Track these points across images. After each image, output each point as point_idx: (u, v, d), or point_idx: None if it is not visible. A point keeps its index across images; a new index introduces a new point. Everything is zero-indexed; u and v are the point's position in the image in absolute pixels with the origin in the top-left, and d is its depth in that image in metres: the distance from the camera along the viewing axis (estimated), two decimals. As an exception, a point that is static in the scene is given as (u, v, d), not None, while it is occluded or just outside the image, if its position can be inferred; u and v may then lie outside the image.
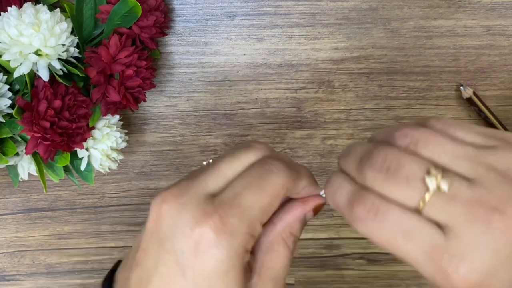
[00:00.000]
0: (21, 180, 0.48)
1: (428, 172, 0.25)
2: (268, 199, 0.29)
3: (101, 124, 0.46)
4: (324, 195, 0.32)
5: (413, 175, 0.25)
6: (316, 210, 0.33)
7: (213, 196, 0.28)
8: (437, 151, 0.25)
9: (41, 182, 0.46)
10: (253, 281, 0.29)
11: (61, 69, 0.43)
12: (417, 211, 0.25)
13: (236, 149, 0.31)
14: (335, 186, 0.28)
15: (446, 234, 0.24)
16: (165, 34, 0.50)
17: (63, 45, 0.42)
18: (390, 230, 0.25)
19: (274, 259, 0.30)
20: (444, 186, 0.24)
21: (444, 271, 0.24)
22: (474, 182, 0.24)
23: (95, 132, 0.46)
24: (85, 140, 0.45)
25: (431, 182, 0.24)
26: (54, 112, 0.41)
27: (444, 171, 0.25)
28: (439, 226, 0.24)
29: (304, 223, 0.32)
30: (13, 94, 0.43)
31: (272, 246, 0.30)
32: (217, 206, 0.27)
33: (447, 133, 0.26)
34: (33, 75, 0.42)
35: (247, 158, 0.30)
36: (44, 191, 0.46)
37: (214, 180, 0.29)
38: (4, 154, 0.44)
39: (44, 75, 0.41)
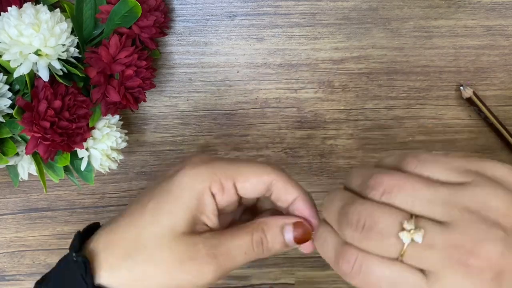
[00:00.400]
0: (21, 180, 0.48)
1: (402, 226, 0.26)
2: (243, 169, 0.34)
3: (101, 124, 0.46)
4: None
5: (387, 232, 0.26)
6: (300, 236, 0.34)
7: None
8: (410, 199, 0.27)
9: (41, 182, 0.46)
10: (209, 237, 0.33)
11: (61, 69, 0.43)
12: (398, 260, 0.26)
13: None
14: (322, 240, 0.30)
15: (428, 278, 0.26)
16: (165, 34, 0.50)
17: (63, 45, 0.42)
18: (375, 282, 0.27)
19: (233, 236, 0.34)
20: (418, 238, 0.25)
21: None
22: (448, 226, 0.25)
23: (95, 132, 0.46)
24: (85, 140, 0.45)
25: (405, 237, 0.26)
26: (54, 112, 0.41)
27: (418, 218, 0.26)
28: (421, 270, 0.26)
29: (281, 239, 0.34)
30: (13, 94, 0.43)
31: (240, 227, 0.34)
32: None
33: (421, 174, 0.28)
34: (33, 75, 0.42)
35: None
36: (44, 191, 0.46)
37: None
38: (4, 154, 0.44)
39: (44, 75, 0.41)
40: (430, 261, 0.25)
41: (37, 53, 0.41)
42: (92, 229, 0.38)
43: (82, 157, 0.47)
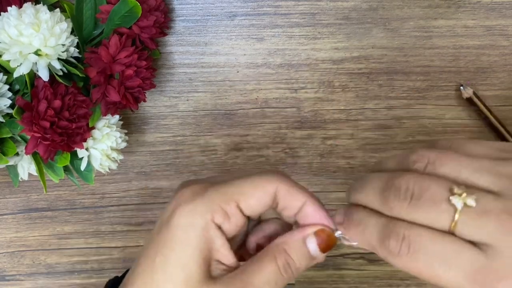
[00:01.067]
0: (21, 180, 0.48)
1: (452, 191, 0.24)
2: (245, 188, 0.30)
3: (101, 124, 0.46)
4: (339, 234, 0.31)
5: (438, 197, 0.24)
6: (325, 243, 0.31)
7: None
8: (455, 168, 0.25)
9: (41, 182, 0.46)
10: (226, 277, 0.30)
11: (61, 69, 0.43)
12: (450, 233, 0.24)
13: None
14: (361, 225, 0.28)
15: (485, 252, 0.23)
16: (165, 34, 0.50)
17: (63, 45, 0.42)
18: (426, 260, 0.24)
19: (256, 270, 0.30)
20: (471, 202, 0.24)
21: None
22: (499, 194, 0.24)
23: (95, 132, 0.46)
24: (85, 140, 0.45)
25: (457, 201, 0.24)
26: (54, 112, 0.41)
27: (467, 187, 0.24)
28: (475, 245, 0.24)
29: (305, 253, 0.31)
30: (13, 94, 0.43)
31: (260, 257, 0.30)
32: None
33: (460, 150, 0.27)
34: (33, 75, 0.42)
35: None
36: (44, 191, 0.46)
37: None
38: (4, 154, 0.44)
39: (44, 75, 0.41)
40: (486, 230, 0.23)
41: (37, 53, 0.41)
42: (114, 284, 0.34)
43: (82, 157, 0.46)
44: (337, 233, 0.30)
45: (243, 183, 0.30)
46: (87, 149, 0.46)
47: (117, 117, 0.48)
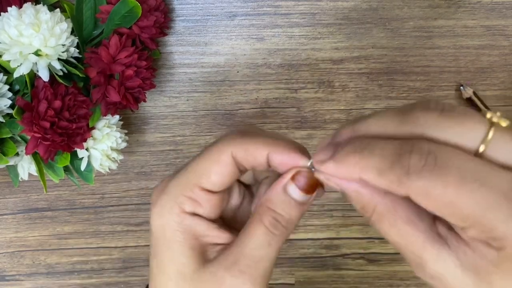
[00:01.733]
0: (21, 180, 0.48)
1: (483, 113, 0.22)
2: (204, 164, 0.28)
3: (101, 124, 0.46)
4: (310, 163, 0.27)
5: (470, 111, 0.22)
6: (306, 185, 0.28)
7: None
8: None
9: (41, 182, 0.46)
10: (220, 254, 0.29)
11: (61, 69, 0.43)
12: (479, 155, 0.22)
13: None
14: (366, 149, 0.23)
15: None
16: (165, 34, 0.50)
17: (63, 45, 0.42)
18: (457, 174, 0.21)
19: (245, 238, 0.28)
20: (505, 122, 0.22)
21: None
22: None
23: (95, 132, 0.46)
24: (85, 140, 0.45)
25: (492, 116, 0.22)
26: (54, 112, 0.41)
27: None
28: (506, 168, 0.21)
29: (290, 200, 0.28)
30: (13, 94, 0.43)
31: (248, 223, 0.29)
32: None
33: None
34: (33, 75, 0.42)
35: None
36: (44, 191, 0.46)
37: None
38: (4, 154, 0.44)
39: (44, 75, 0.41)
40: None
41: (37, 53, 0.41)
42: None
43: (82, 157, 0.46)
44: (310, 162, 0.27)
45: (198, 164, 0.29)
46: (87, 149, 0.46)
47: (117, 117, 0.48)
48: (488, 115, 0.22)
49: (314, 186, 0.28)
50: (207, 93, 0.52)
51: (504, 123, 0.22)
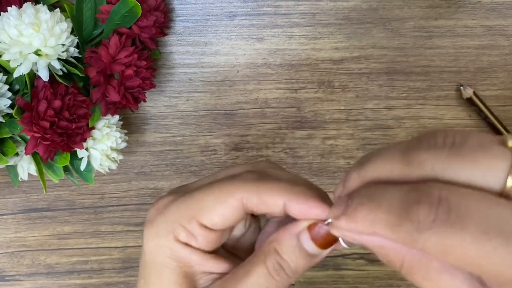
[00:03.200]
0: (20, 180, 0.48)
1: (504, 139, 0.19)
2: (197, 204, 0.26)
3: (101, 124, 0.46)
4: (329, 221, 0.24)
5: (488, 141, 0.19)
6: (322, 239, 0.25)
7: None
8: None
9: (41, 182, 0.46)
10: (214, 283, 0.28)
11: (61, 69, 0.43)
12: (503, 195, 0.18)
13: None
14: (374, 200, 0.20)
15: None
16: (165, 34, 0.49)
17: (63, 45, 0.42)
18: (476, 229, 0.17)
19: (244, 274, 0.26)
20: None
21: None
22: None
23: (95, 132, 0.46)
24: (85, 140, 0.45)
25: None
26: (54, 112, 0.41)
27: None
28: None
29: (299, 251, 0.25)
30: (13, 94, 0.43)
31: (250, 258, 0.27)
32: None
33: None
34: (33, 75, 0.42)
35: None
36: (44, 191, 0.46)
37: None
38: (4, 154, 0.44)
39: (44, 75, 0.41)
40: None
41: (37, 53, 0.41)
42: None
43: (82, 157, 0.46)
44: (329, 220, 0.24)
45: (203, 196, 0.26)
46: (87, 149, 0.46)
47: (117, 117, 0.47)
48: (510, 143, 0.18)
49: (331, 242, 0.25)
50: (207, 93, 0.52)
51: None
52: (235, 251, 0.30)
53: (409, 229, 0.18)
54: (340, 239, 0.24)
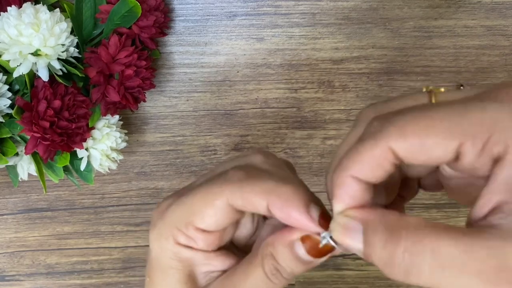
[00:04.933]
0: (20, 180, 0.48)
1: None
2: (192, 208, 0.26)
3: (100, 124, 0.46)
4: (326, 238, 0.24)
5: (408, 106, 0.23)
6: (315, 251, 0.25)
7: None
8: None
9: (41, 182, 0.46)
10: (213, 283, 0.28)
11: (60, 69, 0.43)
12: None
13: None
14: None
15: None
16: (165, 34, 0.49)
17: (63, 45, 0.42)
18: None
19: (243, 274, 0.27)
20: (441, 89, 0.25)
21: None
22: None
23: (95, 132, 0.46)
24: (84, 140, 0.45)
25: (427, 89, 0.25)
26: (54, 112, 0.41)
27: None
28: None
29: (294, 257, 0.25)
30: (12, 94, 0.43)
31: (249, 259, 0.27)
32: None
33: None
34: (32, 75, 0.42)
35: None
36: (44, 191, 0.46)
37: None
38: (4, 154, 0.44)
39: (44, 75, 0.41)
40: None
41: (36, 53, 0.41)
42: None
43: (82, 157, 0.46)
44: (323, 235, 0.24)
45: (193, 200, 0.27)
46: (86, 149, 0.46)
47: (116, 117, 0.47)
48: (424, 88, 0.23)
49: (325, 252, 0.25)
50: (207, 93, 0.52)
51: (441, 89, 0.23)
52: (247, 249, 0.30)
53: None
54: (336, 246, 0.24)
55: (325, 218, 0.25)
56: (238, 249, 0.30)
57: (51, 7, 0.44)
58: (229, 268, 0.28)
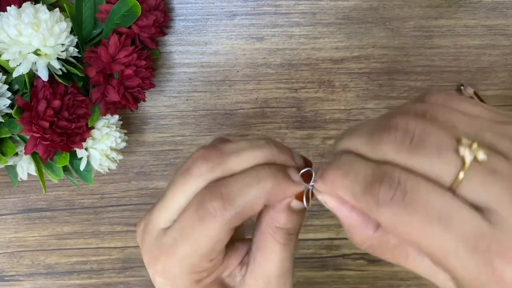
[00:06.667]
0: (20, 180, 0.48)
1: (460, 141, 0.21)
2: (205, 246, 0.27)
3: (100, 124, 0.46)
4: (312, 184, 0.28)
5: (444, 144, 0.21)
6: (300, 197, 0.28)
7: (164, 230, 0.28)
8: (458, 121, 0.22)
9: (40, 182, 0.45)
10: (246, 279, 0.29)
11: (60, 69, 0.43)
12: (450, 190, 0.20)
13: (179, 173, 0.29)
14: (344, 167, 0.23)
15: (489, 219, 0.20)
16: (164, 34, 0.49)
17: (63, 44, 0.42)
18: (423, 213, 0.20)
19: (264, 256, 0.29)
20: (483, 156, 0.20)
21: (491, 265, 0.19)
22: (508, 157, 0.20)
23: (95, 132, 0.46)
24: (84, 140, 0.45)
25: (467, 152, 0.20)
26: (53, 112, 0.41)
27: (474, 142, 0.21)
28: (477, 209, 0.20)
29: (293, 213, 0.28)
30: (12, 94, 0.43)
31: (260, 243, 0.29)
32: (162, 250, 0.28)
33: (455, 107, 0.23)
34: (32, 75, 0.42)
35: (189, 188, 0.28)
36: (44, 191, 0.46)
37: (164, 215, 0.29)
38: (3, 154, 0.44)
39: (44, 75, 0.41)
40: (493, 192, 0.20)
41: (36, 52, 0.41)
42: None
43: (81, 157, 0.46)
44: (310, 185, 0.28)
45: (182, 246, 0.27)
46: (86, 149, 0.46)
47: (116, 117, 0.47)
48: (461, 151, 0.20)
49: (312, 195, 0.28)
50: (207, 93, 0.52)
51: (480, 156, 0.20)
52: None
53: (370, 202, 0.21)
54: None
55: (305, 175, 0.28)
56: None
57: (51, 7, 0.44)
58: (244, 258, 0.30)
